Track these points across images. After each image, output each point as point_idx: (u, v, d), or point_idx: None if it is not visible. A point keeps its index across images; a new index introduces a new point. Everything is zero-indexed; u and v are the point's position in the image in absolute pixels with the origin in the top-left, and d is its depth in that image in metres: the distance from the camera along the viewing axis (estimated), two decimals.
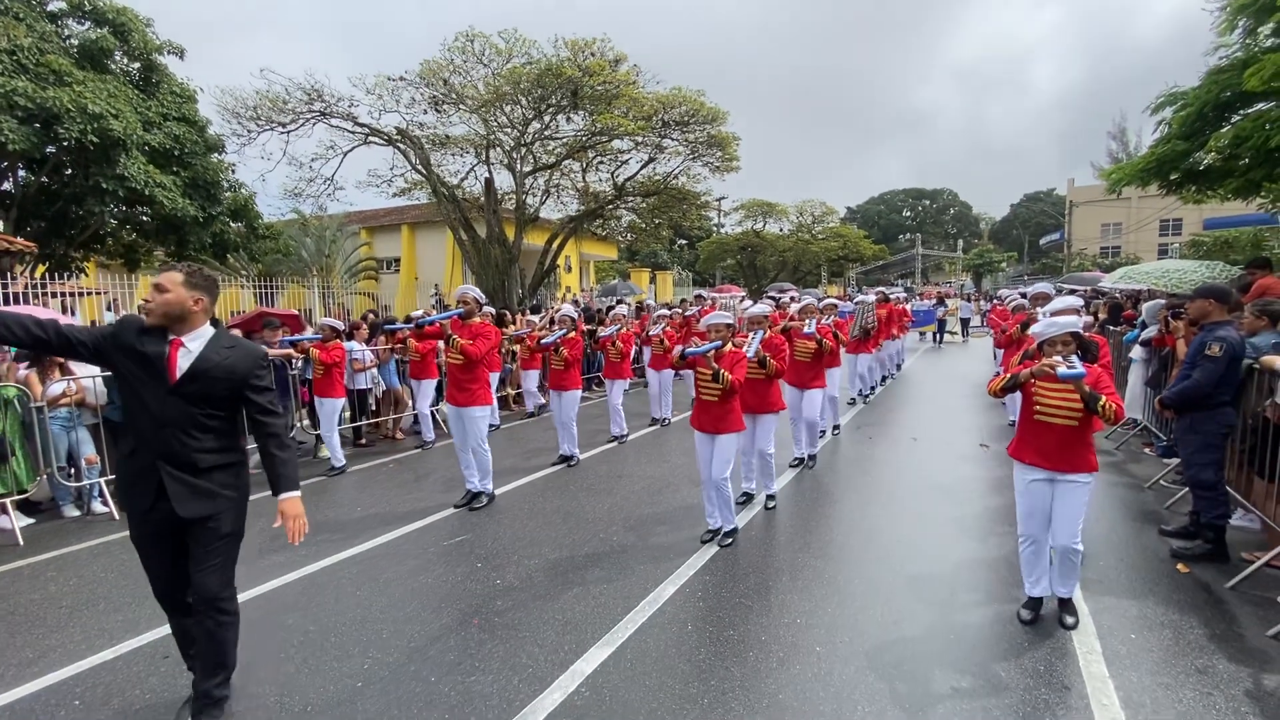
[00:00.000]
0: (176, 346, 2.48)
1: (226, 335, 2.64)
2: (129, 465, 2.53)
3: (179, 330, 2.49)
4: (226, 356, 2.53)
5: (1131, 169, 8.83)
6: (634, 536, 4.52)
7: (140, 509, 2.50)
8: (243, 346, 2.64)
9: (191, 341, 2.50)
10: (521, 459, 6.83)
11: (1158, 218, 38.06)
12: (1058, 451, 3.13)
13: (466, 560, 4.18)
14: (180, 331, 2.49)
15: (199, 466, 2.49)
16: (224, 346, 2.56)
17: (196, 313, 2.52)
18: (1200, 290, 4.11)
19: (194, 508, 2.47)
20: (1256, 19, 7.58)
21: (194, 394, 2.47)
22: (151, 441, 2.46)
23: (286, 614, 3.54)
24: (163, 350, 2.45)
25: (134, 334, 2.46)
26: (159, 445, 2.45)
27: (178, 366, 2.45)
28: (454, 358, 4.88)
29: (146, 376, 2.44)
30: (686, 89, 17.19)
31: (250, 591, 3.78)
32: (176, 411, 2.45)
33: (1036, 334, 3.14)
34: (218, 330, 2.61)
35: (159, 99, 14.87)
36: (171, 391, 2.44)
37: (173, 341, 2.48)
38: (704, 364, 3.98)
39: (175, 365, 2.45)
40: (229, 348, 2.57)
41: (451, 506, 5.18)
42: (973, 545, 4.37)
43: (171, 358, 2.46)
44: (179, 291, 2.46)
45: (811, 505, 5.18)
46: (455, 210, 18.01)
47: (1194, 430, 4.07)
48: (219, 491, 2.53)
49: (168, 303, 2.45)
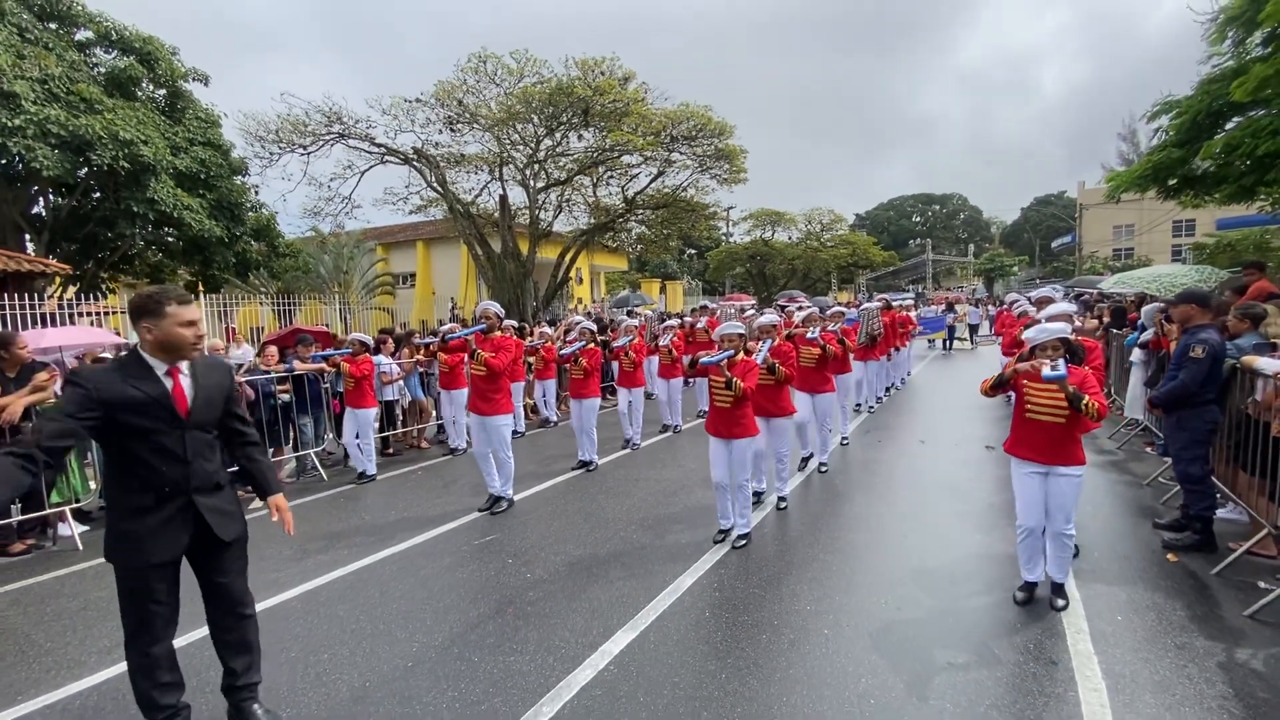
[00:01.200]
0: (177, 376, 2.42)
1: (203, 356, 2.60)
2: (155, 516, 2.37)
3: (175, 360, 2.42)
4: (210, 376, 2.53)
5: (1130, 176, 9.07)
6: (651, 535, 4.82)
7: (174, 552, 2.42)
8: (217, 362, 2.66)
9: (185, 368, 2.46)
10: (542, 465, 7.15)
11: (1170, 219, 37.92)
12: (1048, 447, 3.41)
13: (498, 557, 4.50)
14: (174, 362, 2.42)
15: (221, 485, 2.53)
16: (207, 368, 2.54)
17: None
18: (1182, 295, 4.37)
19: (232, 528, 2.54)
20: (1245, 30, 7.84)
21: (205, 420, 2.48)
22: (179, 479, 2.39)
23: (336, 605, 3.87)
24: (165, 386, 2.37)
25: (117, 382, 2.30)
26: (188, 480, 2.40)
27: (186, 397, 2.42)
28: (478, 369, 5.23)
29: (156, 416, 2.33)
30: (694, 104, 17.63)
31: (301, 587, 4.13)
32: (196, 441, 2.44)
33: (1029, 339, 3.42)
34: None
35: (185, 124, 15.49)
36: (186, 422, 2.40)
37: (172, 371, 2.41)
38: (717, 372, 4.29)
39: (184, 397, 2.41)
40: (210, 368, 2.56)
41: (476, 510, 5.50)
42: (976, 540, 4.62)
43: (176, 390, 2.40)
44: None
45: (821, 505, 5.46)
46: (470, 226, 18.51)
47: (1181, 427, 4.31)
48: (236, 508, 2.61)
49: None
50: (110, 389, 2.26)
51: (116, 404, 2.26)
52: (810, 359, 6.05)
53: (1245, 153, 6.90)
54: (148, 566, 2.37)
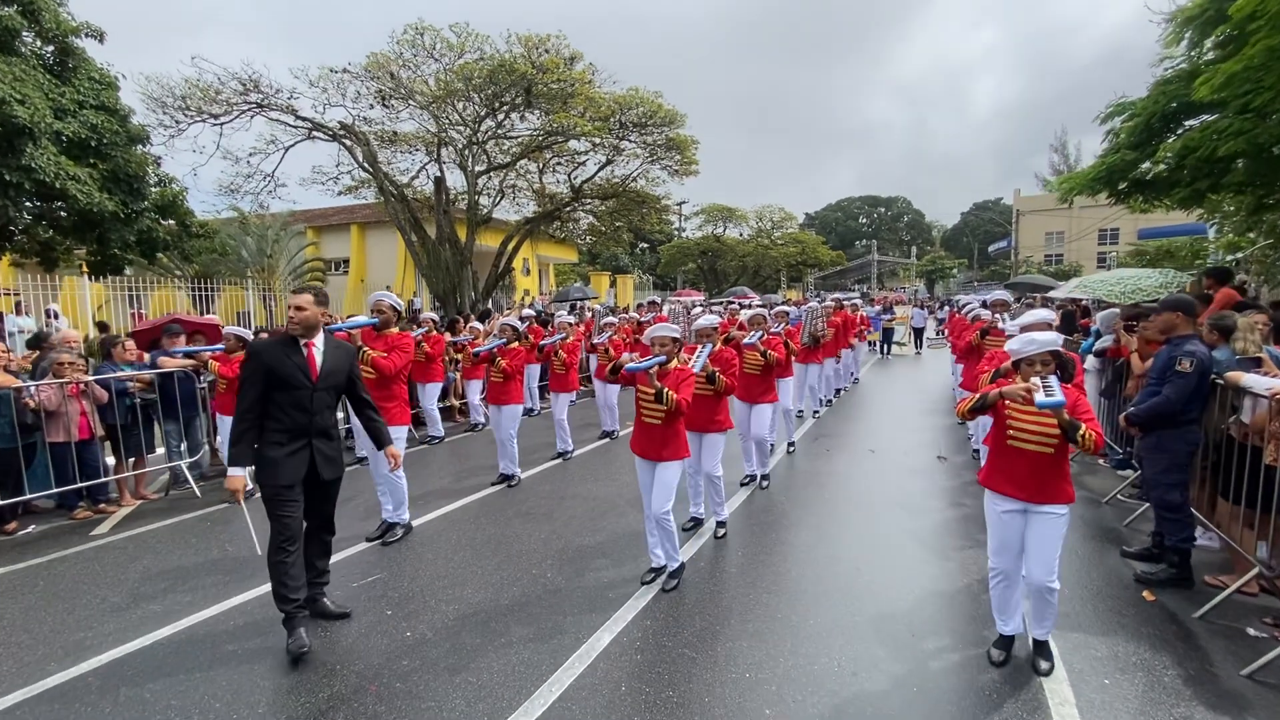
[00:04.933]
0: (310, 348, 3.29)
1: (331, 338, 3.46)
2: (286, 450, 3.23)
3: (311, 336, 3.30)
4: (338, 355, 3.41)
5: (1082, 178, 8.85)
6: (570, 573, 4.08)
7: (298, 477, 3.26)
8: (344, 346, 3.54)
9: (319, 343, 3.34)
10: (457, 479, 6.31)
11: (1097, 228, 39.61)
12: (1031, 480, 2.84)
13: (375, 607, 3.67)
14: (311, 337, 3.30)
15: (332, 438, 3.40)
16: (333, 347, 3.41)
17: (321, 322, 3.37)
18: (1166, 303, 3.92)
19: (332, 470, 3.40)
20: (1201, 31, 7.65)
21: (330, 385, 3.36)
22: (307, 427, 3.25)
23: (146, 684, 2.97)
24: (303, 354, 3.27)
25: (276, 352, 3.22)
26: (312, 428, 3.27)
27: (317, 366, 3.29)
28: (366, 372, 4.35)
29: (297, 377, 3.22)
30: (644, 90, 16.86)
31: (110, 653, 3.22)
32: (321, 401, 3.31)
33: (1012, 351, 2.84)
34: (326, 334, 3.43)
35: (74, 85, 13.70)
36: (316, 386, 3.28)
37: (307, 344, 3.29)
38: (645, 381, 3.57)
39: (315, 365, 3.28)
40: (336, 348, 3.43)
41: (365, 540, 4.64)
42: (935, 572, 4.09)
43: (310, 359, 3.28)
44: (313, 309, 3.29)
45: (764, 531, 4.83)
46: (404, 210, 17.26)
47: (1161, 449, 3.87)
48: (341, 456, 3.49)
49: (305, 319, 3.26)
50: (271, 355, 3.23)
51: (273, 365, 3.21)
52: (755, 366, 5.41)
53: (1204, 154, 6.67)
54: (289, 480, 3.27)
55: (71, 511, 5.57)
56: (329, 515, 3.55)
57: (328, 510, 3.53)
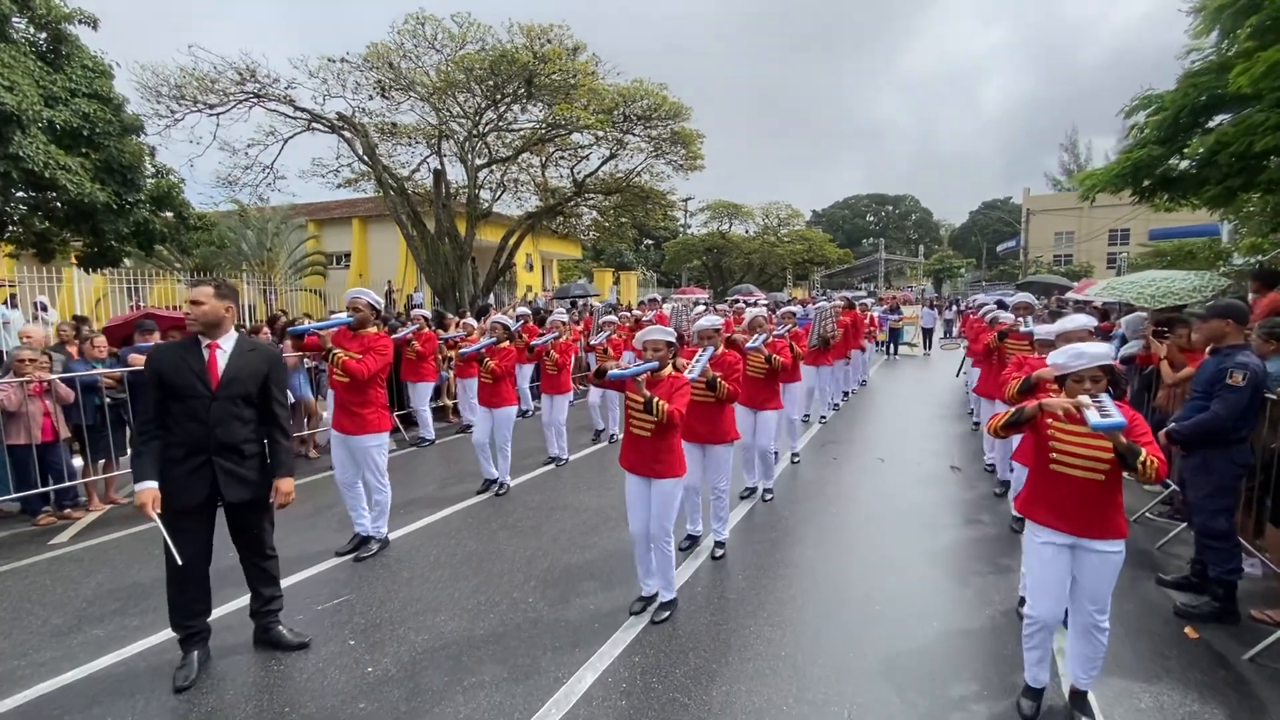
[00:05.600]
0: (214, 350, 2.89)
1: (246, 340, 3.03)
2: (184, 467, 2.85)
3: (214, 335, 2.90)
4: (249, 360, 2.95)
5: (1105, 174, 8.44)
6: (553, 598, 3.74)
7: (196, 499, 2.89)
8: (262, 349, 3.07)
9: (225, 344, 2.92)
10: (443, 486, 5.98)
11: (1108, 229, 39.01)
12: (1079, 512, 2.47)
13: (339, 634, 3.35)
14: (215, 336, 2.91)
15: (244, 454, 2.95)
16: (247, 350, 2.98)
17: (227, 319, 2.93)
18: (1215, 309, 3.55)
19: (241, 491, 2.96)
20: (1234, 20, 7.22)
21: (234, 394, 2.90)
22: (204, 441, 2.85)
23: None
24: (202, 358, 2.87)
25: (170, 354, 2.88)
26: (211, 442, 2.86)
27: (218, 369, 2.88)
28: (339, 376, 4.02)
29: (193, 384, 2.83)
30: (649, 82, 16.47)
31: (34, 689, 2.90)
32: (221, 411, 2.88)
33: (1057, 365, 2.47)
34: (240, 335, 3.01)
35: (67, 73, 13.42)
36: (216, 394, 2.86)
37: (210, 345, 2.89)
38: (634, 389, 3.22)
39: (215, 370, 2.88)
40: (249, 350, 2.99)
41: (335, 554, 4.31)
42: (952, 602, 3.73)
43: (211, 364, 2.87)
44: (215, 304, 2.87)
45: (766, 550, 4.48)
46: (403, 203, 16.94)
47: (1207, 470, 3.50)
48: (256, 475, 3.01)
49: (204, 314, 2.86)
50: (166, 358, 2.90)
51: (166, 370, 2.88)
52: (758, 370, 5.05)
53: (1238, 150, 6.28)
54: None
55: (35, 517, 5.27)
56: (258, 539, 3.14)
57: (253, 534, 3.12)
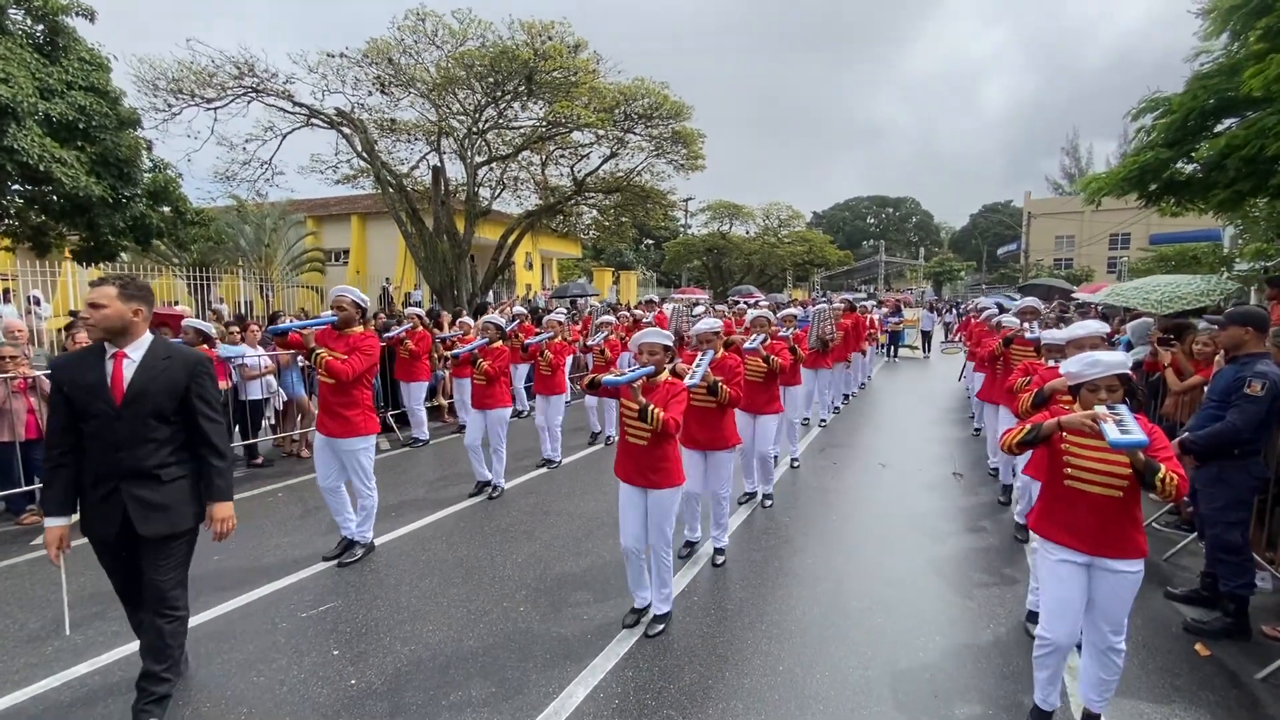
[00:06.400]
0: (120, 360, 2.48)
1: (164, 347, 2.60)
2: (95, 495, 2.50)
3: (121, 343, 2.50)
4: (164, 370, 2.52)
5: (1111, 178, 8.33)
6: (545, 608, 3.63)
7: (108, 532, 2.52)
8: (187, 356, 2.64)
9: (134, 352, 2.51)
10: (434, 488, 5.87)
11: (1109, 233, 38.95)
12: (1096, 531, 2.36)
13: (322, 644, 3.24)
14: (122, 344, 2.50)
15: (161, 480, 2.52)
16: (161, 358, 2.55)
17: (136, 323, 2.51)
18: (1234, 315, 3.44)
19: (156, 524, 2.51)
20: (1244, 22, 7.12)
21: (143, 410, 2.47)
22: (112, 466, 2.46)
23: None
24: (105, 369, 2.47)
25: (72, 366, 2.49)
26: (120, 467, 2.46)
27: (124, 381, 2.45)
28: (323, 377, 3.91)
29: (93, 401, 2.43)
30: (650, 80, 16.36)
31: (9, 699, 2.78)
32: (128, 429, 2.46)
33: (1071, 374, 2.37)
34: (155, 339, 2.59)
35: (64, 65, 13.30)
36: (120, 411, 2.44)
37: (116, 354, 2.48)
38: (628, 395, 3.11)
39: (120, 382, 2.45)
40: (165, 359, 2.56)
41: (322, 559, 4.20)
42: (957, 615, 3.63)
43: (116, 375, 2.46)
44: (119, 306, 2.45)
45: (765, 559, 4.37)
46: (402, 200, 16.82)
47: (1221, 482, 3.39)
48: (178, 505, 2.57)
49: (105, 319, 2.44)
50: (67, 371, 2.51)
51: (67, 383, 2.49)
52: (757, 372, 4.94)
53: (1249, 154, 6.17)
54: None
55: (19, 517, 5.16)
56: (159, 589, 2.55)
57: (158, 581, 2.54)
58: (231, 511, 2.67)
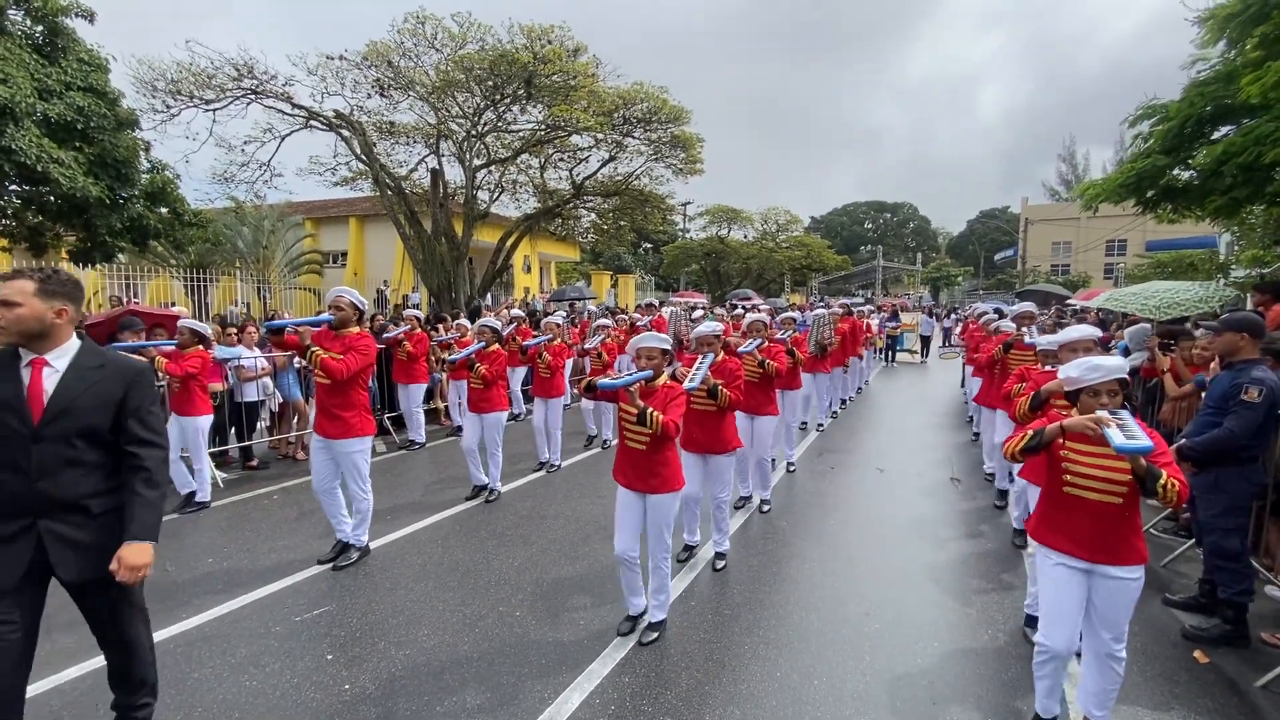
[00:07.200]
0: (39, 369, 2.09)
1: (96, 355, 2.20)
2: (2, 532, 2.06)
3: (40, 348, 2.10)
4: (95, 381, 2.13)
5: (1108, 184, 8.36)
6: (541, 613, 3.60)
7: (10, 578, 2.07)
8: (120, 364, 2.22)
9: (57, 360, 2.12)
10: (431, 491, 5.84)
11: (1105, 239, 39.09)
12: (1095, 537, 2.35)
13: (316, 648, 3.21)
14: (41, 350, 2.10)
15: (89, 513, 2.13)
16: (91, 367, 2.15)
17: (59, 325, 2.12)
18: (1229, 321, 3.44)
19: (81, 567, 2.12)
20: (1241, 30, 7.16)
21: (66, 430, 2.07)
22: (26, 499, 2.04)
23: None
24: (20, 381, 2.06)
25: None
26: (36, 500, 2.05)
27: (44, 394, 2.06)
28: (319, 376, 3.89)
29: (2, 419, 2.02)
30: (649, 85, 16.39)
31: None
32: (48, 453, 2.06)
33: (1070, 379, 2.36)
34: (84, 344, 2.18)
35: (62, 66, 13.29)
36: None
37: (34, 362, 2.09)
38: (626, 399, 3.10)
39: (40, 397, 2.05)
40: (97, 367, 2.16)
41: (317, 561, 4.17)
42: (955, 621, 3.61)
43: (34, 388, 2.06)
44: (37, 306, 2.05)
45: (763, 564, 4.35)
46: (400, 202, 16.82)
47: (1219, 489, 3.39)
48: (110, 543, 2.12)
49: (19, 321, 2.04)
50: None
51: None
52: (754, 374, 4.91)
53: (1245, 161, 6.20)
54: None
55: None
56: (118, 631, 2.24)
57: (110, 623, 2.23)
58: (150, 558, 2.12)
